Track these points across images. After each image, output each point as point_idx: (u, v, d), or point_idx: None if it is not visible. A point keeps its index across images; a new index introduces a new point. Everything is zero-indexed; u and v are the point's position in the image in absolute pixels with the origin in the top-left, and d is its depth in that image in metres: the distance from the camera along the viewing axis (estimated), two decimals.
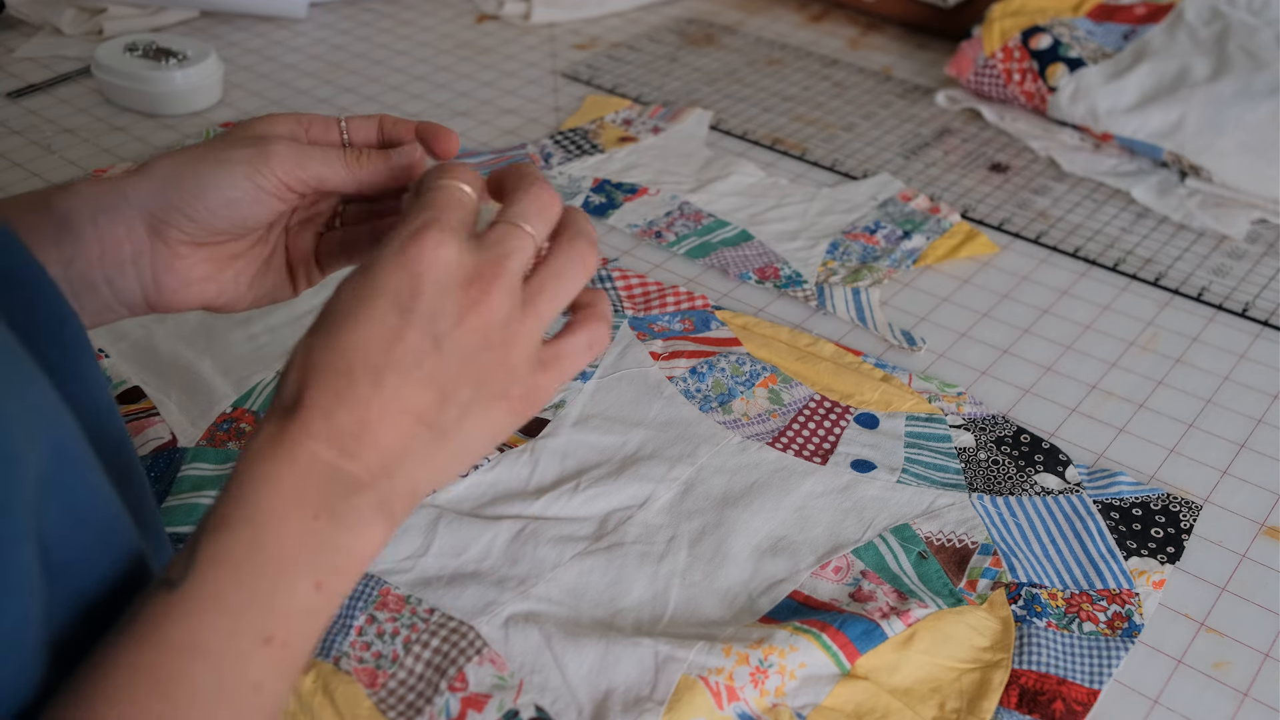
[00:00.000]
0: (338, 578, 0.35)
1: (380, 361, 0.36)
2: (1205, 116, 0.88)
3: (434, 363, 0.36)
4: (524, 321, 0.38)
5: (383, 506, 0.36)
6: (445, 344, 0.36)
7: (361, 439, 0.35)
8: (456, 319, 0.36)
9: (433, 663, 0.49)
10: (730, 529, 0.57)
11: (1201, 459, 0.65)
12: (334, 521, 0.35)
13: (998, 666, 0.51)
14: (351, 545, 0.35)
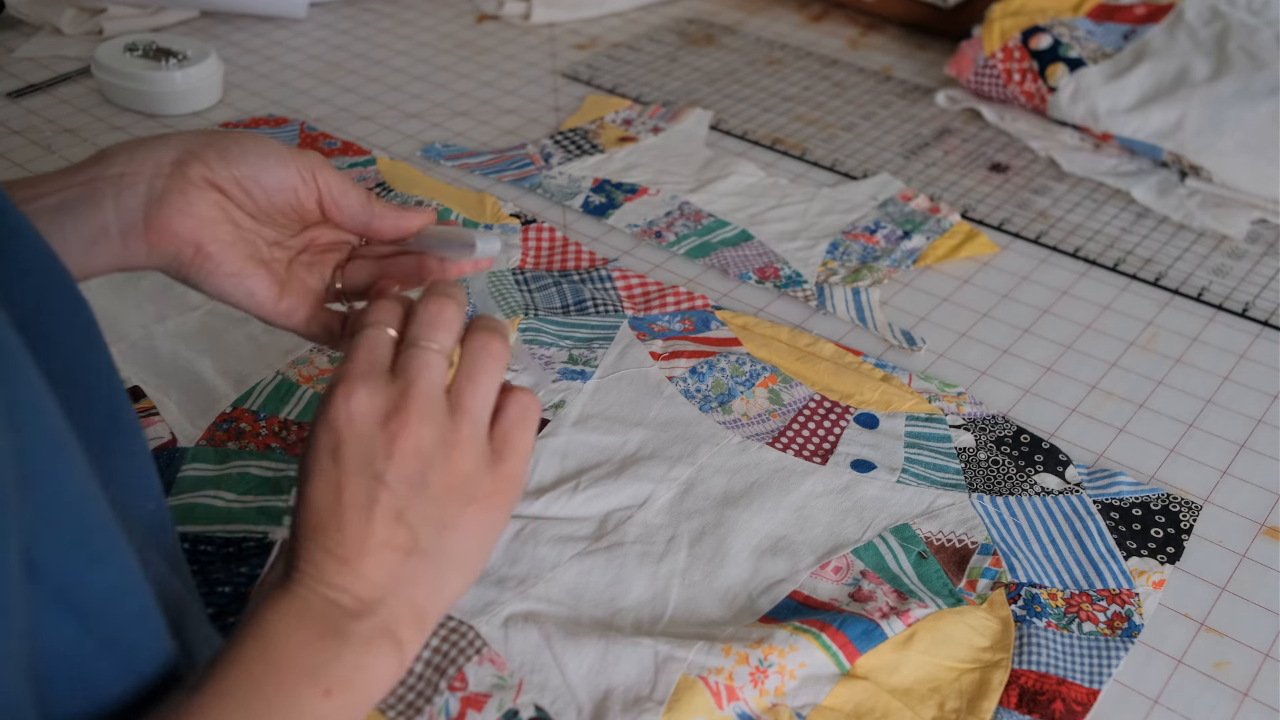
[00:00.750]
0: (349, 690, 0.37)
1: (336, 511, 0.38)
2: (1205, 116, 0.88)
3: (387, 498, 0.38)
4: (458, 430, 0.40)
5: (385, 631, 0.38)
6: (388, 478, 0.38)
7: (348, 578, 0.38)
8: (386, 454, 0.38)
9: (432, 662, 0.49)
10: (730, 529, 0.57)
11: (1201, 459, 0.65)
12: (339, 640, 0.37)
13: (997, 666, 0.51)
14: (359, 662, 0.38)
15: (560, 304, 0.74)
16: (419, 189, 0.86)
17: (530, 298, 0.74)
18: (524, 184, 0.89)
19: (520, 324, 0.70)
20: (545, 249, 0.80)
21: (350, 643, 0.38)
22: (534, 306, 0.73)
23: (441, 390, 0.40)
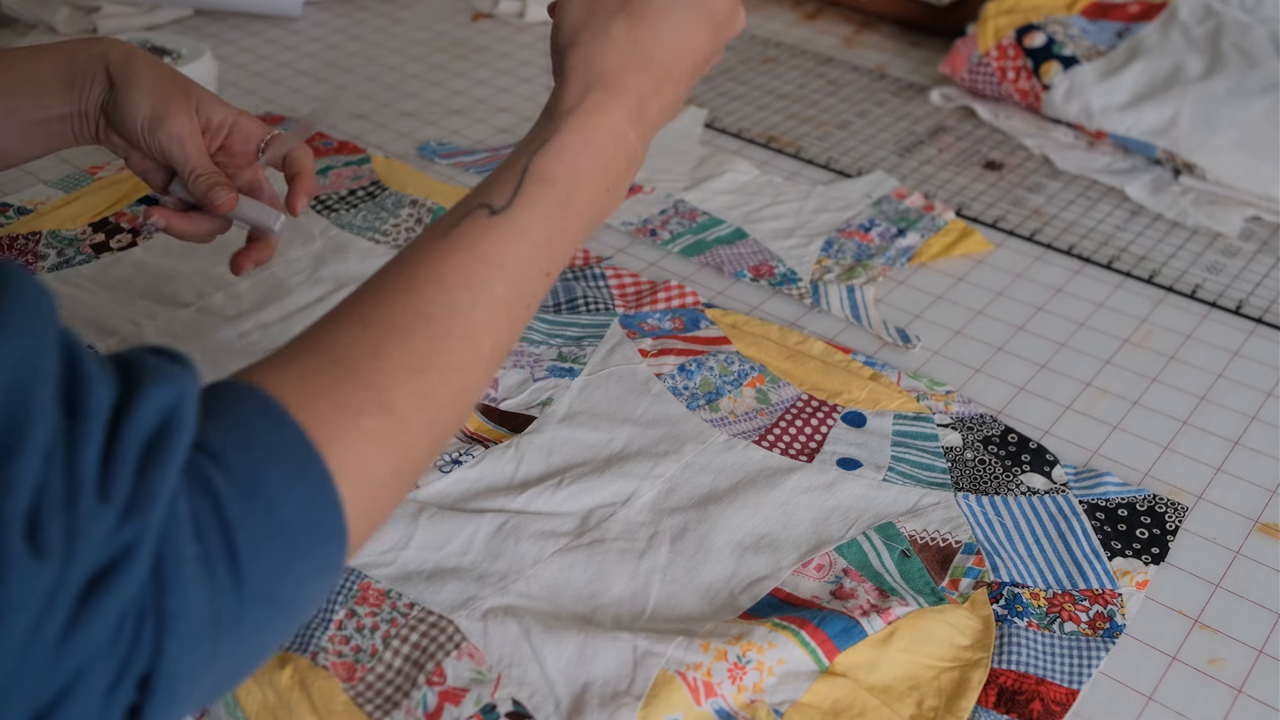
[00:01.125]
0: (593, 223, 0.45)
1: (686, 69, 0.46)
2: (1199, 114, 0.88)
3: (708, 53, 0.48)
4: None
5: (632, 166, 0.46)
6: (719, 40, 0.49)
7: (652, 120, 0.45)
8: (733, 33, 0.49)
9: (411, 657, 0.49)
10: (713, 525, 0.57)
11: (1195, 456, 0.64)
12: (612, 195, 0.45)
13: (977, 666, 0.50)
14: (612, 211, 0.46)
15: (551, 301, 0.74)
16: (414, 187, 0.86)
17: None
18: None
19: None
20: None
21: (617, 196, 0.45)
22: None
23: None
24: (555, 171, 0.42)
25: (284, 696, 0.48)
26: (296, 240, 0.80)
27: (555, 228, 0.42)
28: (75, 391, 0.29)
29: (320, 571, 0.35)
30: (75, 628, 0.28)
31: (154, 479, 0.30)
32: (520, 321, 0.42)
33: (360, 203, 0.84)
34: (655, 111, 0.46)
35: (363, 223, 0.82)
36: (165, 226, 0.60)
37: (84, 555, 0.28)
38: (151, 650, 0.30)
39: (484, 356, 0.40)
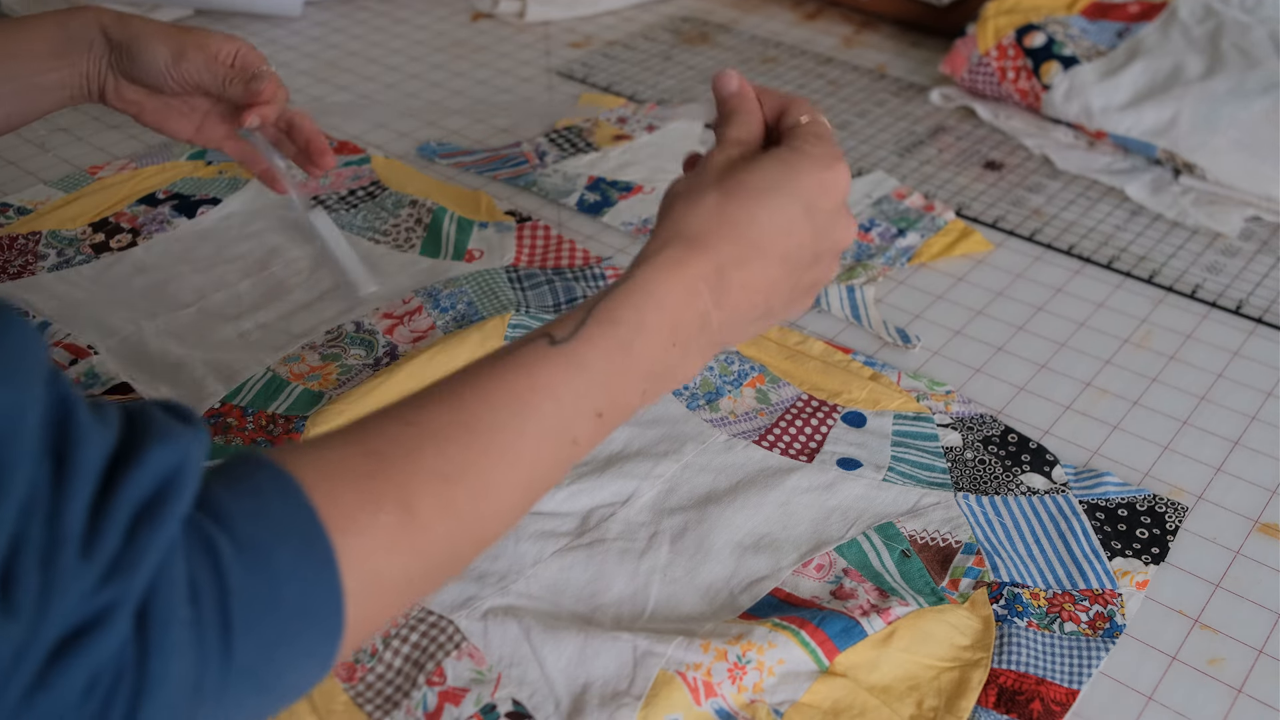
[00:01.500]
0: (655, 394, 0.44)
1: (777, 252, 0.45)
2: (1199, 114, 0.88)
3: (805, 270, 0.46)
4: (837, 262, 0.49)
5: (705, 353, 0.45)
6: (820, 256, 0.47)
7: (732, 297, 0.44)
8: (836, 241, 0.47)
9: (411, 657, 0.49)
10: (713, 525, 0.57)
11: (1196, 456, 0.64)
12: (682, 353, 0.43)
13: (977, 665, 0.50)
14: (679, 374, 0.44)
15: (552, 302, 0.74)
16: (414, 187, 0.86)
17: (523, 295, 0.74)
18: (519, 182, 0.89)
19: (511, 320, 0.70)
20: (539, 247, 0.80)
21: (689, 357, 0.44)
22: (526, 304, 0.73)
23: None
24: (621, 314, 0.42)
25: None
26: (296, 240, 0.80)
27: (614, 369, 0.41)
28: (65, 444, 0.28)
29: (310, 659, 0.34)
30: (40, 688, 0.27)
31: (144, 540, 0.29)
32: (564, 461, 0.41)
33: (360, 203, 0.84)
34: (738, 285, 0.44)
35: (363, 223, 0.82)
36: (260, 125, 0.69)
37: (57, 614, 0.27)
38: (125, 712, 0.29)
39: (519, 484, 0.39)
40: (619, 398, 0.42)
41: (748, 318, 0.46)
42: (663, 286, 0.43)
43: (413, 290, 0.74)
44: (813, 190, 0.45)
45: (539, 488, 0.41)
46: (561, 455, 0.41)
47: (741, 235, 0.44)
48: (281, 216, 0.82)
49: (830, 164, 0.46)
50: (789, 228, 0.45)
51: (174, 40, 0.66)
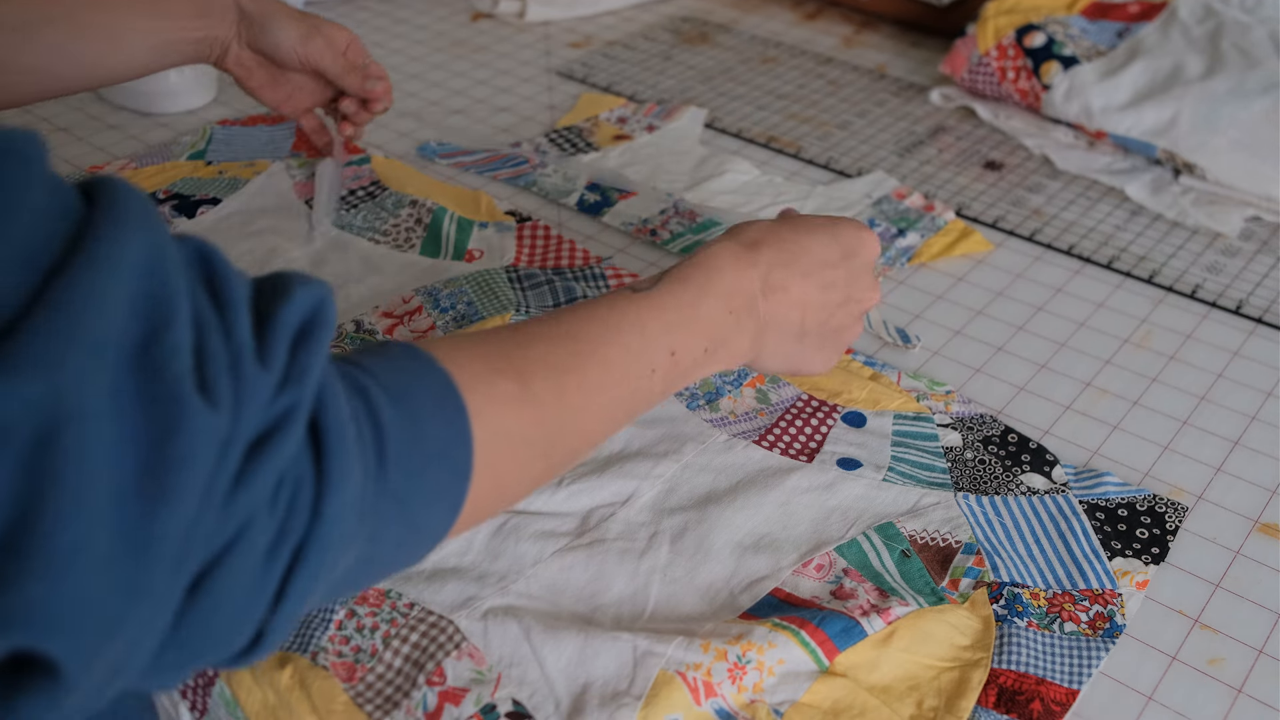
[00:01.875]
0: (715, 357, 0.51)
1: (814, 270, 0.55)
2: (1199, 114, 0.88)
3: (836, 297, 0.56)
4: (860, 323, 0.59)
5: (755, 339, 0.53)
6: (849, 297, 0.56)
7: (775, 294, 0.53)
8: (862, 288, 0.57)
9: (411, 657, 0.49)
10: (713, 525, 0.57)
11: (1195, 456, 0.64)
12: (735, 321, 0.52)
13: (977, 665, 0.50)
14: (732, 342, 0.52)
15: (552, 302, 0.74)
16: (414, 187, 0.86)
17: (523, 295, 0.74)
18: (519, 182, 0.89)
19: (511, 320, 0.70)
20: (539, 247, 0.80)
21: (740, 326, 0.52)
22: (526, 304, 0.73)
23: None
24: (690, 276, 0.51)
25: (284, 696, 0.48)
26: (297, 240, 0.80)
27: (684, 318, 0.49)
28: (214, 278, 0.32)
29: (443, 500, 0.38)
30: (242, 483, 0.30)
31: (305, 358, 0.33)
32: (644, 389, 0.48)
33: (360, 203, 0.84)
34: (779, 287, 0.53)
35: (363, 223, 0.82)
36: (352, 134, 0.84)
37: (249, 415, 0.30)
38: (309, 515, 0.32)
39: (613, 393, 0.46)
40: (688, 343, 0.50)
41: (785, 326, 0.54)
42: (721, 261, 0.52)
43: (413, 290, 0.74)
44: (851, 241, 0.56)
45: (626, 406, 0.48)
46: (642, 382, 0.48)
47: (788, 249, 0.54)
48: (281, 217, 0.82)
49: (864, 229, 0.57)
50: (827, 260, 0.55)
51: (302, 23, 0.76)
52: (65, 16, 0.67)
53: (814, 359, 0.57)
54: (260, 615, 0.32)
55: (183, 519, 0.28)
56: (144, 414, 0.28)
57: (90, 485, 0.26)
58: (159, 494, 0.28)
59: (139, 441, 0.27)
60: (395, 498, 0.36)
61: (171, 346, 0.29)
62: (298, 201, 0.84)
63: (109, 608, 0.27)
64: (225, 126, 0.94)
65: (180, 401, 0.28)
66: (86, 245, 0.28)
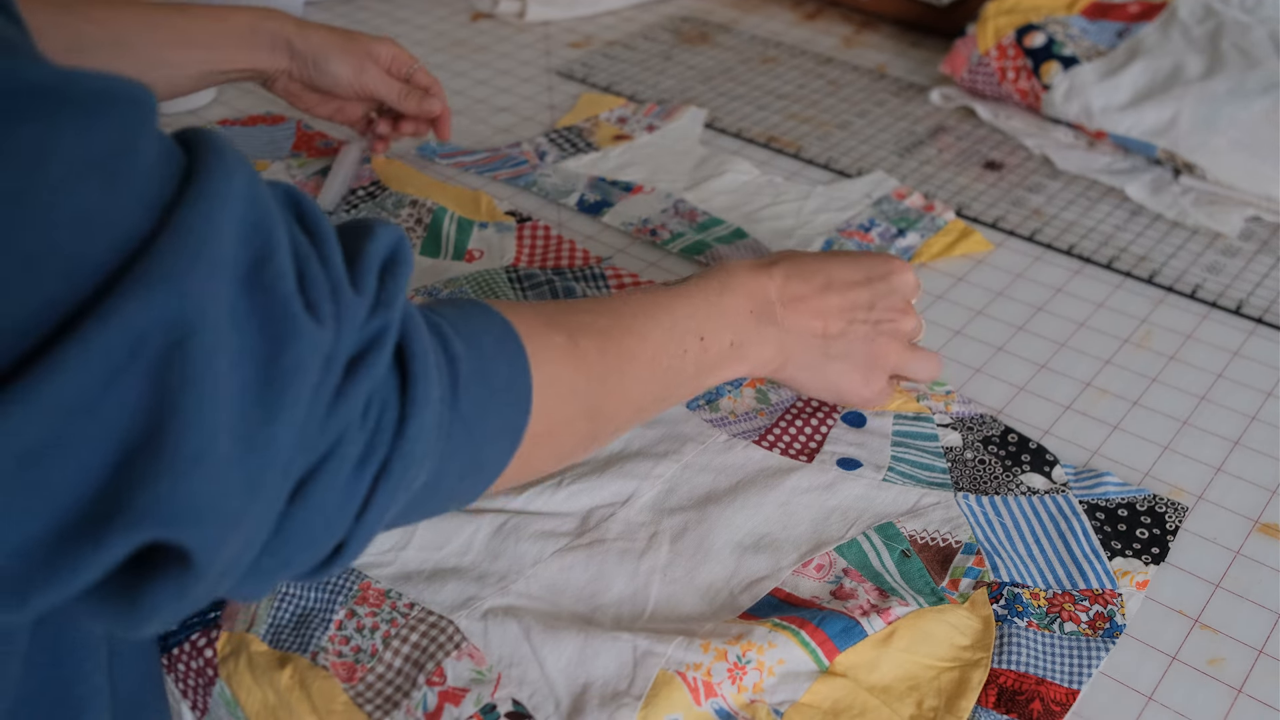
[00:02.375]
0: (742, 353, 0.55)
1: (832, 285, 0.58)
2: (1199, 114, 0.88)
3: (859, 313, 0.58)
4: (896, 349, 0.61)
5: (780, 345, 0.57)
6: (874, 310, 0.59)
7: (791, 303, 0.56)
8: (889, 308, 0.59)
9: (411, 657, 0.49)
10: (713, 525, 0.57)
11: (1195, 456, 0.64)
12: (756, 322, 0.56)
13: (977, 665, 0.50)
14: (756, 342, 0.56)
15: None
16: (414, 187, 0.86)
17: (523, 295, 0.74)
18: (519, 182, 0.89)
19: None
20: (540, 247, 0.80)
21: (761, 326, 0.56)
22: None
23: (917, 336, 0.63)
24: (713, 275, 0.56)
25: (284, 696, 0.48)
26: None
27: (710, 309, 0.54)
28: (306, 218, 0.35)
29: (505, 435, 0.42)
30: (341, 396, 0.33)
31: (393, 285, 0.36)
32: (676, 368, 0.52)
33: (360, 203, 0.84)
34: (796, 295, 0.57)
35: None
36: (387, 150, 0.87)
37: (348, 333, 0.33)
38: (393, 433, 0.35)
39: (650, 366, 0.50)
40: (715, 333, 0.53)
41: (808, 338, 0.57)
42: (739, 269, 0.56)
43: (413, 290, 0.74)
44: (878, 266, 0.59)
45: (661, 380, 0.51)
46: (675, 360, 0.52)
47: (806, 266, 0.57)
48: None
49: (894, 259, 0.60)
50: (849, 279, 0.58)
51: (352, 54, 0.77)
52: (112, 42, 0.68)
53: (851, 381, 0.59)
54: (346, 524, 0.34)
55: (294, 425, 0.31)
56: (259, 329, 0.30)
57: (214, 392, 0.28)
58: (275, 401, 0.30)
59: (256, 353, 0.30)
60: (465, 424, 0.39)
61: (278, 270, 0.31)
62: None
63: (233, 503, 0.29)
64: (225, 126, 0.94)
65: (292, 318, 0.31)
66: (198, 179, 0.30)
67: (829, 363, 0.58)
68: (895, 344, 0.60)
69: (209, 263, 0.29)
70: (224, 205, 0.30)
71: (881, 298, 0.59)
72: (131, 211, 0.29)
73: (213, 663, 0.51)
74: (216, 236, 0.30)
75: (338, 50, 0.76)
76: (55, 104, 0.27)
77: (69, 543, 0.27)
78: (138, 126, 0.29)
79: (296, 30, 0.76)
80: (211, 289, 0.29)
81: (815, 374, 0.59)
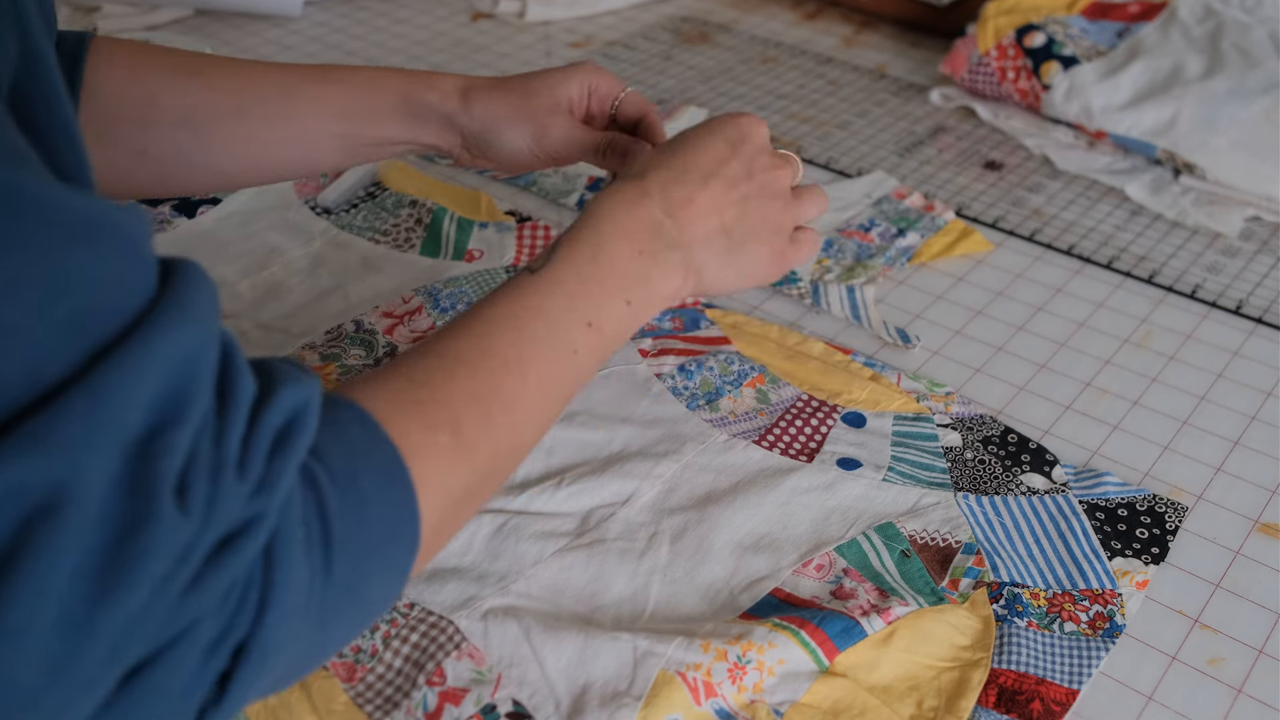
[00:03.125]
0: (644, 304, 0.50)
1: (710, 171, 0.53)
2: (1199, 114, 0.88)
3: (744, 187, 0.53)
4: (788, 206, 0.55)
5: (685, 266, 0.51)
6: (754, 178, 0.54)
7: (682, 211, 0.51)
8: (764, 168, 0.54)
9: (411, 657, 0.49)
10: (713, 525, 0.57)
11: (1195, 456, 0.64)
12: (650, 259, 0.50)
13: (977, 665, 0.50)
14: (658, 280, 0.50)
15: None
16: (414, 187, 0.86)
17: None
18: (518, 182, 0.89)
19: None
20: (540, 247, 0.80)
21: (657, 262, 0.50)
22: None
23: (796, 179, 0.57)
24: (580, 235, 0.49)
25: (284, 697, 0.48)
26: (297, 240, 0.80)
27: (587, 281, 0.48)
28: (227, 381, 0.33)
29: (392, 571, 0.39)
30: (197, 585, 0.31)
31: (280, 466, 0.34)
32: (572, 370, 0.47)
33: (360, 203, 0.84)
34: (681, 199, 0.51)
35: (363, 223, 0.82)
36: None
37: (218, 521, 0.32)
38: (253, 618, 0.33)
39: (538, 394, 0.46)
40: (603, 307, 0.48)
41: (710, 238, 0.52)
42: (609, 206, 0.50)
43: (413, 290, 0.74)
44: (732, 131, 0.54)
45: (557, 396, 0.47)
46: (568, 365, 0.47)
47: (673, 163, 0.52)
48: (282, 216, 0.82)
49: (740, 115, 0.55)
50: (716, 155, 0.53)
51: (527, 121, 0.62)
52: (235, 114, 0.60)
53: (762, 258, 0.54)
54: (195, 705, 0.33)
55: (128, 611, 0.29)
56: (125, 504, 0.29)
57: (57, 566, 0.28)
58: (111, 584, 0.29)
59: (110, 528, 0.29)
60: (344, 587, 0.37)
61: (168, 445, 0.30)
62: (298, 201, 0.84)
63: (28, 682, 0.28)
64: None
65: (156, 501, 0.29)
66: (142, 334, 0.30)
67: (736, 254, 0.53)
68: (783, 203, 0.55)
69: (110, 435, 0.29)
70: (152, 370, 0.30)
71: (752, 159, 0.54)
72: (59, 342, 0.28)
73: None
74: (127, 406, 0.29)
75: (506, 121, 0.62)
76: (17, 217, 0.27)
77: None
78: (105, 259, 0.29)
79: (460, 102, 0.62)
80: (100, 463, 0.29)
81: (729, 269, 0.53)
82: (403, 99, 0.62)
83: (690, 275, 0.52)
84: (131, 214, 0.30)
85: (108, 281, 0.29)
